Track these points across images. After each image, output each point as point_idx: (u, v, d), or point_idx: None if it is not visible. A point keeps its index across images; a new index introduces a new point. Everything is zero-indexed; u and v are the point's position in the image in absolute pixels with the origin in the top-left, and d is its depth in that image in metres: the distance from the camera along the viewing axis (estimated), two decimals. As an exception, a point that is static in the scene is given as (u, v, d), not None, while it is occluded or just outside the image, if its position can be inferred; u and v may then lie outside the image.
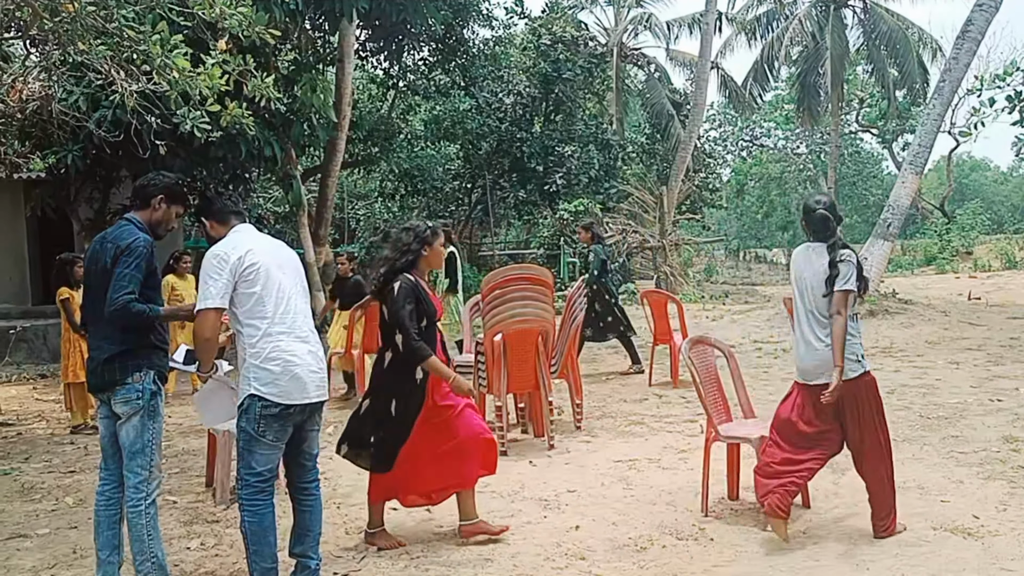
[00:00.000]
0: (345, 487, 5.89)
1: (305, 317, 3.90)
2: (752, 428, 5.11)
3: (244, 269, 3.73)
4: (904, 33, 27.01)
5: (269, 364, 3.71)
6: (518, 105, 21.82)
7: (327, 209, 16.87)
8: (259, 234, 4.02)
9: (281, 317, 3.78)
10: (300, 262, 4.07)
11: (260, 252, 3.81)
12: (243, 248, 3.78)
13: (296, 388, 3.74)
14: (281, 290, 3.81)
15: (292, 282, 3.90)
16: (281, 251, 3.99)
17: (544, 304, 6.84)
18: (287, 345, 3.75)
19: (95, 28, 6.02)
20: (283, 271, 3.87)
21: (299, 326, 3.84)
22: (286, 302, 3.82)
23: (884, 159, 47.60)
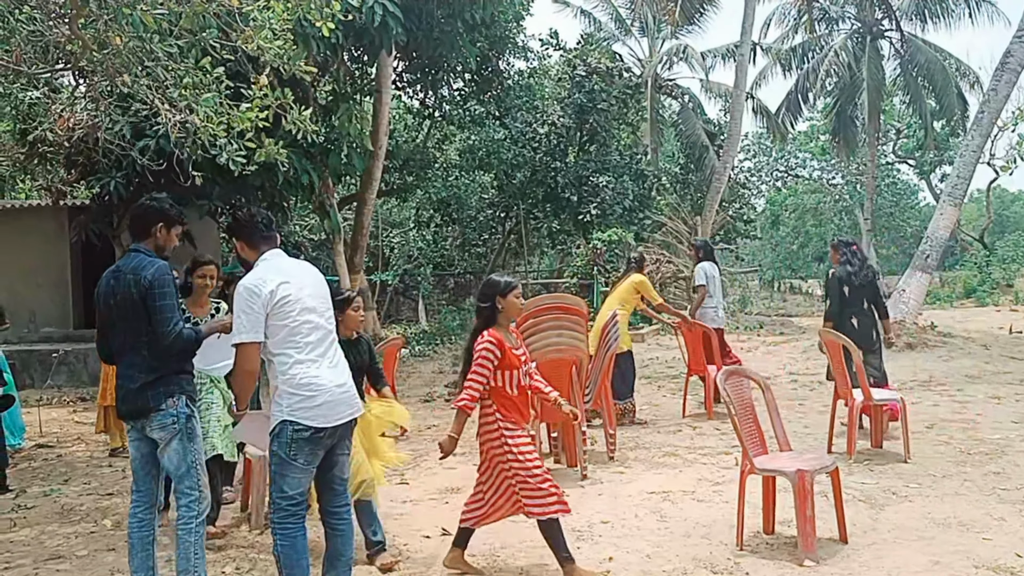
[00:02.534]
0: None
1: (333, 342, 4.00)
2: (788, 461, 5.04)
3: (276, 302, 3.79)
4: (942, 64, 26.80)
5: (301, 390, 3.79)
6: (552, 135, 21.93)
7: (363, 237, 17.04)
8: (288, 261, 4.04)
9: (312, 345, 3.87)
10: (327, 285, 4.13)
11: (291, 283, 3.87)
12: (273, 281, 3.83)
13: (326, 411, 3.82)
14: (312, 319, 3.89)
15: (321, 308, 3.98)
16: (309, 276, 4.03)
17: (578, 334, 6.85)
18: (317, 371, 3.84)
19: (139, 61, 6.19)
20: (313, 299, 3.94)
21: (329, 352, 3.94)
22: (317, 330, 3.90)
23: (921, 190, 47.14)
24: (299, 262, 4.10)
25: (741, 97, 22.33)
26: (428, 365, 14.48)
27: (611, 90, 21.82)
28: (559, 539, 4.50)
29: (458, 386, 4.64)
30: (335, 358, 3.97)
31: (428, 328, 20.78)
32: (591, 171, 21.47)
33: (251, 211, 4.09)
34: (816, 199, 45.10)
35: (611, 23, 26.89)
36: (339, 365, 3.97)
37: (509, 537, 5.24)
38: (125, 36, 5.96)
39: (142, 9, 5.63)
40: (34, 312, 14.59)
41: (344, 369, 3.99)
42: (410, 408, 9.92)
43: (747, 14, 21.22)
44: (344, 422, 3.92)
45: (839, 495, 5.02)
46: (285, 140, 7.38)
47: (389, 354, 8.97)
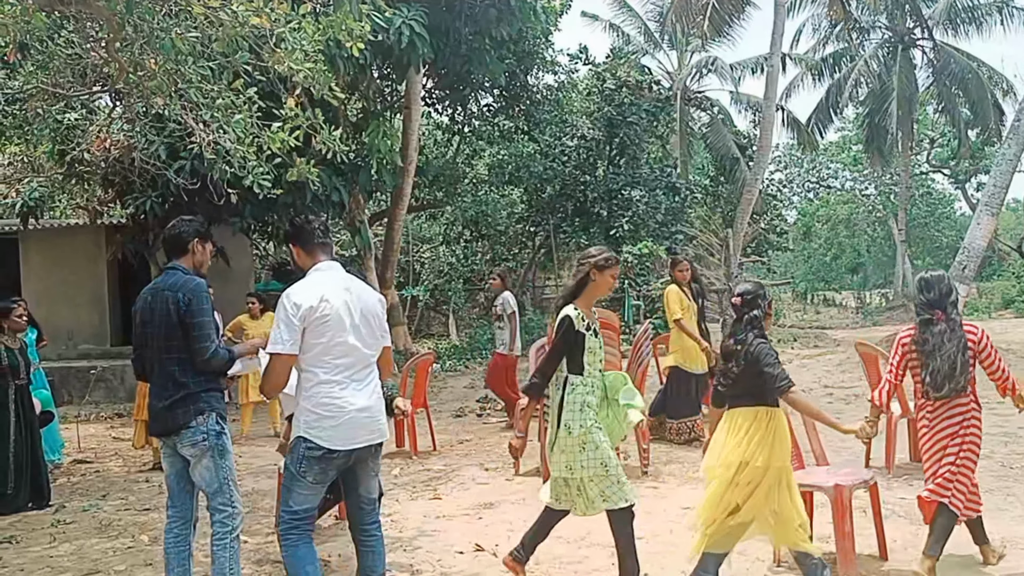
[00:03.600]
0: (411, 530, 5.90)
1: (367, 366, 3.92)
2: (825, 476, 4.97)
3: (315, 318, 3.74)
4: (976, 72, 26.46)
5: (319, 409, 3.75)
6: (582, 149, 21.93)
7: (393, 252, 17.15)
8: (340, 276, 3.96)
9: (342, 368, 3.81)
10: (379, 304, 4.05)
11: (335, 301, 3.80)
12: (317, 296, 3.77)
13: (341, 434, 3.77)
14: (348, 340, 3.81)
15: (364, 330, 3.89)
16: (358, 295, 3.94)
17: (610, 347, 6.81)
18: (341, 392, 3.78)
19: (172, 83, 6.30)
20: (355, 319, 3.86)
21: (360, 375, 3.87)
22: (351, 354, 3.83)
23: (957, 200, 46.47)
24: (352, 279, 4.01)
25: (771, 108, 22.20)
26: (459, 380, 14.49)
27: (641, 103, 21.80)
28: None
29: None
30: (366, 381, 3.90)
31: (459, 343, 20.81)
32: (621, 185, 21.44)
33: (308, 217, 4.06)
34: (848, 210, 44.66)
35: (640, 36, 26.89)
36: (368, 389, 3.89)
37: (543, 554, 5.20)
38: (160, 59, 6.07)
39: (176, 32, 5.73)
40: (72, 330, 14.83)
41: (374, 394, 3.91)
42: (441, 423, 9.98)
43: (776, 25, 21.13)
44: (362, 446, 3.86)
45: (878, 510, 4.95)
46: (316, 159, 7.46)
47: (421, 369, 9.00)
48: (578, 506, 4.44)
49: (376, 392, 3.95)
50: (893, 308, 29.98)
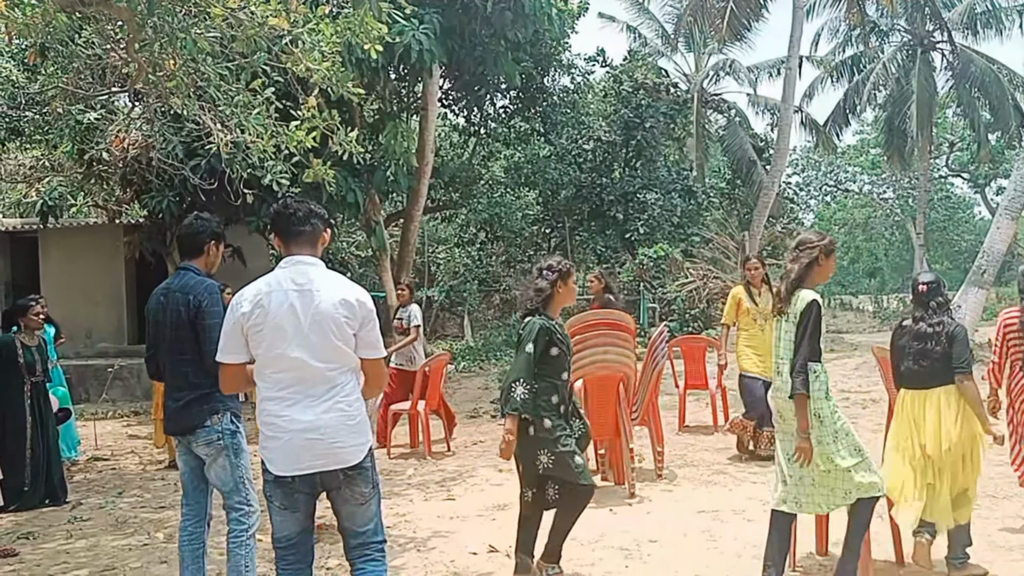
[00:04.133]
0: (425, 531, 5.90)
1: (325, 381, 3.29)
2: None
3: (249, 325, 3.29)
4: (996, 75, 26.26)
5: (264, 427, 3.32)
6: (598, 151, 21.90)
7: (409, 253, 17.17)
8: (298, 273, 3.36)
9: (285, 384, 3.29)
10: (348, 307, 3.32)
11: (273, 306, 3.27)
12: (251, 300, 3.31)
13: (282, 457, 3.27)
14: (290, 354, 3.25)
15: (316, 339, 3.26)
16: (315, 299, 3.29)
17: (625, 350, 6.81)
18: (284, 411, 3.27)
19: (192, 83, 6.34)
20: (303, 326, 3.27)
21: (314, 391, 3.29)
22: (295, 369, 3.27)
23: (976, 204, 46.16)
24: (317, 278, 3.36)
25: (789, 111, 22.10)
26: (474, 381, 14.50)
27: (658, 105, 21.76)
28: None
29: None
30: (323, 398, 3.28)
31: (474, 344, 20.83)
32: (637, 187, 21.39)
33: (287, 202, 3.50)
34: (866, 213, 44.40)
35: (657, 39, 26.83)
36: (322, 407, 3.27)
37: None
38: (179, 59, 6.11)
39: (196, 32, 5.76)
40: (90, 328, 14.94)
41: (330, 412, 3.27)
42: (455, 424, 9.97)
43: (795, 27, 21.05)
44: (312, 472, 3.28)
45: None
46: (332, 160, 7.48)
47: (436, 370, 9.01)
48: (812, 503, 4.36)
49: (338, 411, 3.29)
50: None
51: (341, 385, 3.32)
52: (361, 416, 3.37)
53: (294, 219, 3.44)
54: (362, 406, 3.39)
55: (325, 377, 3.29)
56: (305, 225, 3.46)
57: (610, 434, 6.86)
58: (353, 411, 3.33)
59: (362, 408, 3.40)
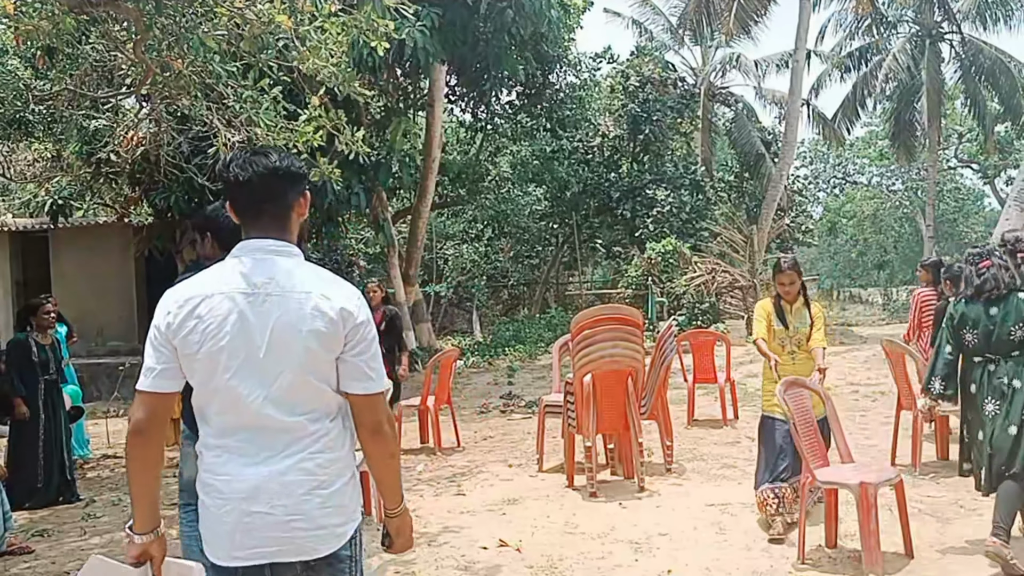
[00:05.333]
0: (435, 526, 5.93)
1: (276, 428, 2.21)
2: (851, 473, 4.94)
3: (178, 341, 2.21)
4: (1006, 66, 26.15)
5: (202, 493, 2.28)
6: (605, 146, 21.89)
7: (417, 249, 17.21)
8: (257, 268, 2.25)
9: (229, 430, 2.24)
10: (331, 321, 2.22)
11: (212, 315, 2.20)
12: (184, 303, 2.22)
13: (218, 537, 2.26)
14: (235, 387, 2.20)
15: (275, 366, 2.20)
16: (282, 303, 2.21)
17: (634, 345, 6.82)
18: (222, 466, 2.23)
19: (199, 83, 6.37)
20: (257, 346, 2.20)
21: (270, 442, 2.22)
22: (241, 409, 2.21)
23: (986, 195, 45.92)
24: (289, 275, 2.26)
25: (796, 104, 22.05)
26: (483, 377, 14.52)
27: (665, 100, 21.74)
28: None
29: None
30: (283, 454, 2.22)
31: (483, 339, 20.87)
32: (645, 182, 21.38)
33: (240, 159, 2.33)
34: (874, 205, 44.23)
35: (663, 33, 26.78)
36: (281, 467, 2.21)
37: (567, 549, 5.23)
38: (186, 59, 6.14)
39: (203, 32, 5.79)
40: (101, 326, 15.02)
41: (295, 474, 2.21)
42: (465, 419, 10.01)
43: (801, 20, 20.98)
44: (256, 564, 2.24)
45: (904, 508, 4.91)
46: (338, 159, 7.51)
47: (445, 366, 9.04)
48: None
49: (303, 473, 2.22)
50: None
51: (314, 436, 2.24)
52: (341, 482, 2.27)
53: (250, 185, 2.27)
54: (348, 466, 2.32)
55: (287, 424, 2.21)
56: (268, 195, 2.30)
57: (619, 428, 6.88)
58: (328, 474, 2.25)
59: (346, 469, 2.31)
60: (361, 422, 2.31)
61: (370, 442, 2.32)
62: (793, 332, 5.75)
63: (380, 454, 2.35)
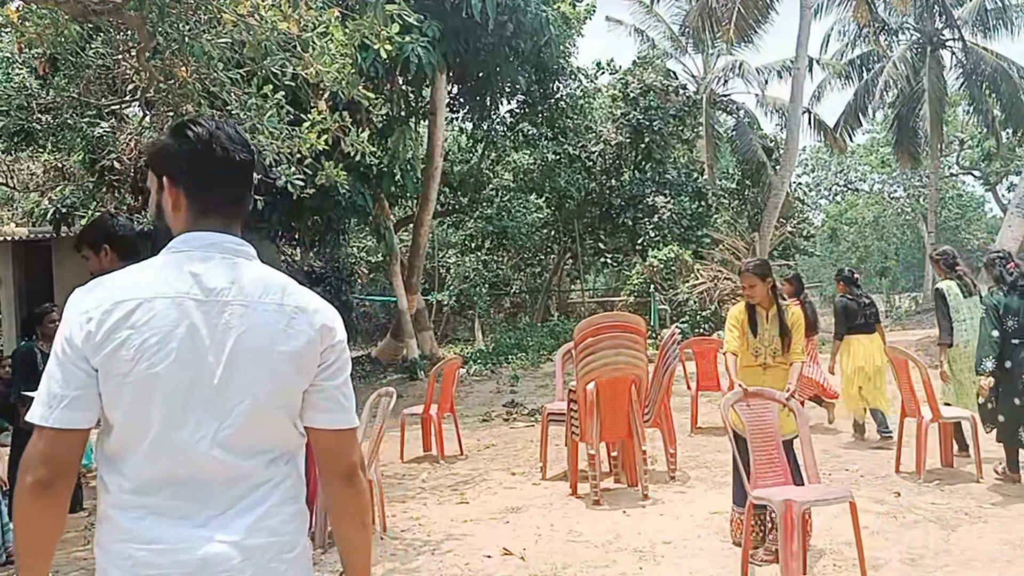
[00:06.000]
0: (438, 534, 5.91)
1: (229, 477, 1.69)
2: (787, 491, 4.67)
3: (101, 359, 1.66)
4: (1008, 72, 26.17)
5: (116, 570, 1.67)
6: (607, 154, 21.90)
7: (419, 257, 17.21)
8: (211, 269, 1.75)
9: (159, 478, 1.67)
10: (300, 337, 1.73)
11: (157, 323, 1.66)
12: (111, 308, 1.67)
13: None
14: (182, 419, 1.66)
15: (232, 398, 1.69)
16: (244, 311, 1.72)
17: (637, 352, 6.81)
18: (153, 531, 1.66)
19: (203, 91, 6.38)
20: (209, 366, 1.68)
21: (200, 495, 1.68)
22: (185, 454, 1.67)
23: (988, 202, 45.94)
24: (251, 279, 1.76)
25: (798, 111, 22.08)
26: (485, 385, 14.51)
27: (667, 107, 21.77)
28: None
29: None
30: (240, 512, 1.70)
31: (485, 348, 20.86)
32: (647, 190, 21.39)
33: (205, 124, 1.79)
34: (876, 211, 44.24)
35: (665, 40, 26.84)
36: (237, 525, 1.68)
37: (571, 557, 5.21)
38: (190, 66, 6.15)
39: (206, 39, 5.80)
40: (103, 335, 15.00)
41: (259, 537, 1.70)
42: (467, 428, 10.00)
43: (802, 28, 21.02)
44: None
45: (857, 529, 4.60)
46: (343, 164, 7.53)
47: (448, 374, 9.03)
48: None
49: (266, 533, 1.71)
50: (923, 312, 29.60)
51: (272, 484, 1.74)
52: (302, 546, 1.79)
53: (218, 160, 1.77)
54: (305, 523, 1.81)
55: (240, 471, 1.71)
56: (236, 177, 1.82)
57: (623, 436, 6.86)
58: (291, 534, 1.76)
59: (304, 526, 1.80)
60: (330, 467, 1.79)
61: (343, 493, 1.79)
62: (769, 341, 5.39)
63: (355, 509, 1.81)
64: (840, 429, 8.95)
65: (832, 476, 6.94)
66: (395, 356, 16.71)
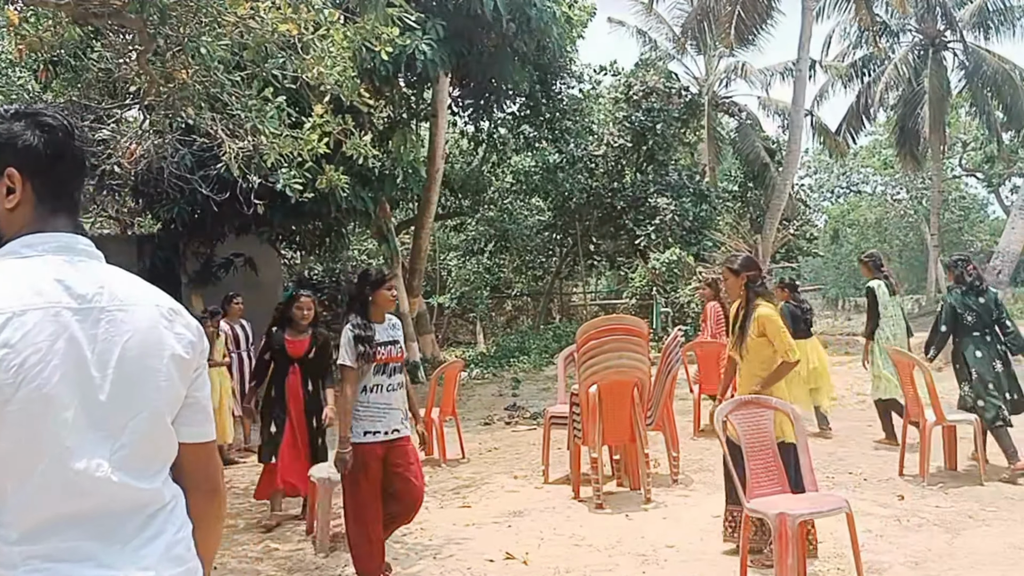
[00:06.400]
0: (440, 538, 5.89)
1: (128, 507, 1.51)
2: (783, 502, 4.60)
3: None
4: (1009, 74, 26.15)
5: None
6: (609, 156, 21.89)
7: (420, 260, 17.20)
8: (78, 275, 1.57)
9: (52, 514, 1.44)
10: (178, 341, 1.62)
11: (35, 339, 1.43)
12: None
13: None
14: (71, 444, 1.44)
15: (119, 417, 1.51)
16: (114, 325, 1.54)
17: (639, 355, 6.78)
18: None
19: (203, 94, 6.37)
20: (97, 385, 1.49)
21: (98, 531, 1.47)
22: (77, 484, 1.45)
23: (991, 204, 45.88)
24: (115, 282, 1.64)
25: (800, 113, 22.05)
26: (487, 388, 14.48)
27: (669, 109, 21.77)
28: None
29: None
30: (145, 544, 1.52)
31: (486, 351, 20.83)
32: (649, 192, 21.37)
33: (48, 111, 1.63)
34: (878, 213, 44.20)
35: (667, 42, 26.83)
36: (147, 561, 1.50)
37: (573, 561, 5.18)
38: (190, 69, 6.14)
39: (207, 42, 5.79)
40: (105, 339, 14.99)
41: (172, 567, 1.54)
42: (469, 431, 9.97)
43: (804, 30, 21.00)
44: None
45: (855, 539, 4.58)
46: (344, 167, 7.51)
47: (450, 377, 9.01)
48: None
49: (175, 562, 1.56)
50: (926, 314, 29.57)
51: (171, 506, 1.59)
52: (200, 566, 1.64)
53: (69, 154, 1.63)
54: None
55: (141, 497, 1.53)
56: (80, 172, 1.70)
57: (625, 439, 6.83)
58: (193, 559, 1.61)
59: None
60: (195, 479, 1.66)
61: (208, 503, 1.69)
62: (735, 337, 5.31)
63: (216, 517, 1.74)
64: (839, 432, 8.92)
65: (835, 480, 6.91)
66: (397, 359, 16.68)
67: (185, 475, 1.65)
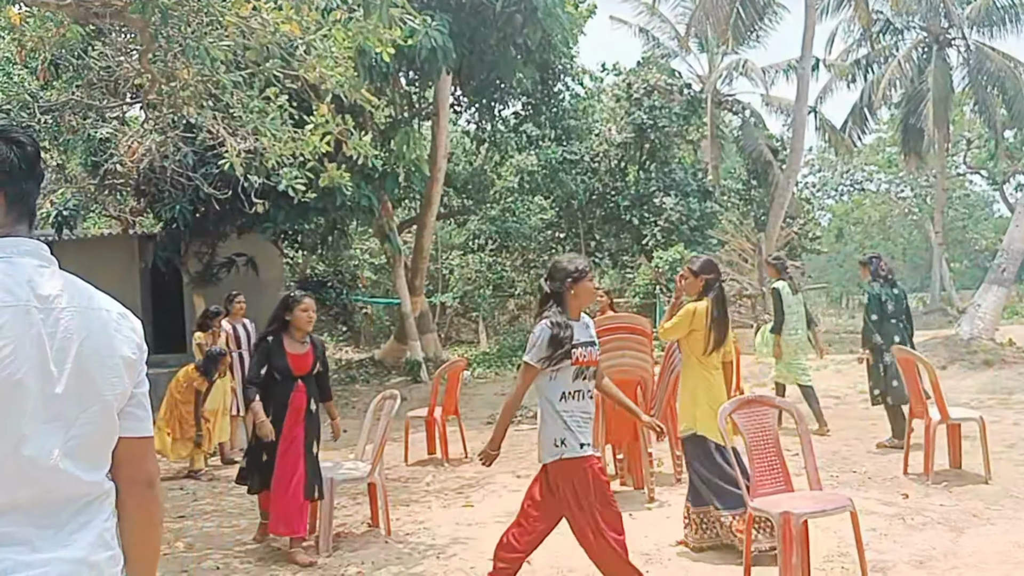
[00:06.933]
0: (444, 538, 5.88)
1: (68, 494, 1.61)
2: (787, 501, 4.59)
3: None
4: (1013, 72, 26.08)
5: None
6: (612, 155, 21.85)
7: (423, 259, 17.18)
8: (37, 276, 1.68)
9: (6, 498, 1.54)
10: (126, 342, 1.78)
11: (12, 323, 1.57)
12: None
13: None
14: (29, 432, 1.56)
15: (72, 410, 1.62)
16: (71, 324, 1.67)
17: (642, 354, 6.77)
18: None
19: (205, 92, 6.37)
20: (56, 379, 1.61)
21: (36, 517, 1.57)
22: (29, 472, 1.55)
23: (995, 201, 45.75)
24: (67, 284, 1.76)
25: (803, 111, 22.03)
26: (490, 387, 14.47)
27: (672, 107, 21.73)
28: None
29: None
30: (77, 529, 1.61)
31: (489, 350, 20.81)
32: (652, 191, 21.34)
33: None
34: (882, 211, 44.10)
35: (669, 40, 26.82)
36: (80, 545, 1.61)
37: (576, 561, 5.16)
38: (192, 68, 6.13)
39: (209, 41, 5.78)
40: (107, 339, 14.99)
41: (101, 551, 1.64)
42: (472, 430, 9.96)
43: (807, 28, 20.98)
44: None
45: (859, 537, 4.57)
46: (346, 166, 7.50)
47: (452, 376, 8.99)
48: None
49: (103, 548, 1.66)
50: (930, 312, 29.53)
51: (103, 498, 1.69)
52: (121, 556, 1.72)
53: (27, 163, 1.74)
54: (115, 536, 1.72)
55: (82, 487, 1.64)
56: (36, 180, 1.79)
57: (628, 439, 6.82)
58: (118, 547, 1.71)
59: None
60: (132, 475, 1.73)
61: (143, 500, 1.75)
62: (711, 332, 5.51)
63: (152, 518, 1.79)
64: (841, 430, 8.90)
65: (839, 479, 6.90)
66: (399, 359, 16.68)
67: (123, 468, 1.73)
